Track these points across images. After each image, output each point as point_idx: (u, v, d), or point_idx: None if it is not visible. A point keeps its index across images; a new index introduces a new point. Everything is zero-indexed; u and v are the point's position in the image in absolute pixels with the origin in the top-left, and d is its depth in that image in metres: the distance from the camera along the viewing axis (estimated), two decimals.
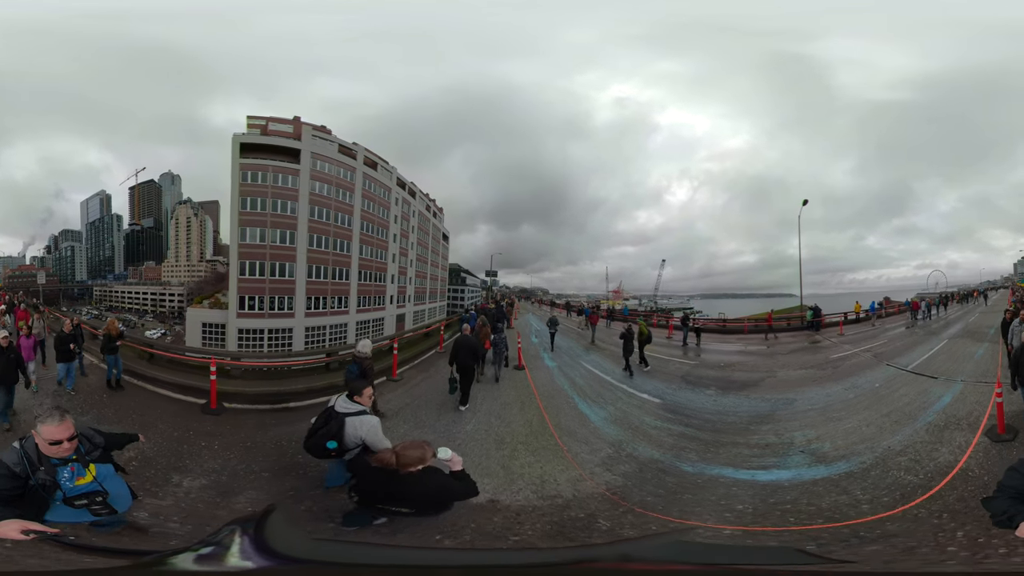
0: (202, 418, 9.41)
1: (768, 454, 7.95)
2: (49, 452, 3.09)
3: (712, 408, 11.00)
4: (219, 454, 7.61)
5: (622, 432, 9.19)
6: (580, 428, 9.39)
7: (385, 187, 35.08)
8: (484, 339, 12.88)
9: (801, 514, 5.75)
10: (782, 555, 2.83)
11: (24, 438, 3.15)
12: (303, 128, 30.44)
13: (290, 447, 7.57)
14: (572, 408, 10.75)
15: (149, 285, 31.22)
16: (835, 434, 8.51)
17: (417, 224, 38.22)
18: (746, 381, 13.33)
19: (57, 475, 3.08)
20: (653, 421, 9.90)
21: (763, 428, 9.31)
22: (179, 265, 32.21)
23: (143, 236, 32.86)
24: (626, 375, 14.01)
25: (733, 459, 7.76)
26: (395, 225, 35.77)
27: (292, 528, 2.55)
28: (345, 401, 5.08)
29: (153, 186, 33.59)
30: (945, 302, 28.28)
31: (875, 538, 5.04)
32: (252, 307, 28.49)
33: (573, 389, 12.44)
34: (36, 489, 3.00)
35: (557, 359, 16.47)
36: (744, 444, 8.45)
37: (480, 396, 10.93)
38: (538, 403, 10.69)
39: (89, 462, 3.25)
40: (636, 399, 11.67)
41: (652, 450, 8.29)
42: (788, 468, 7.31)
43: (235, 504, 5.88)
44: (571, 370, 14.93)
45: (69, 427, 3.15)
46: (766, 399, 11.50)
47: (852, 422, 9.09)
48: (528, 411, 10.21)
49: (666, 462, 7.73)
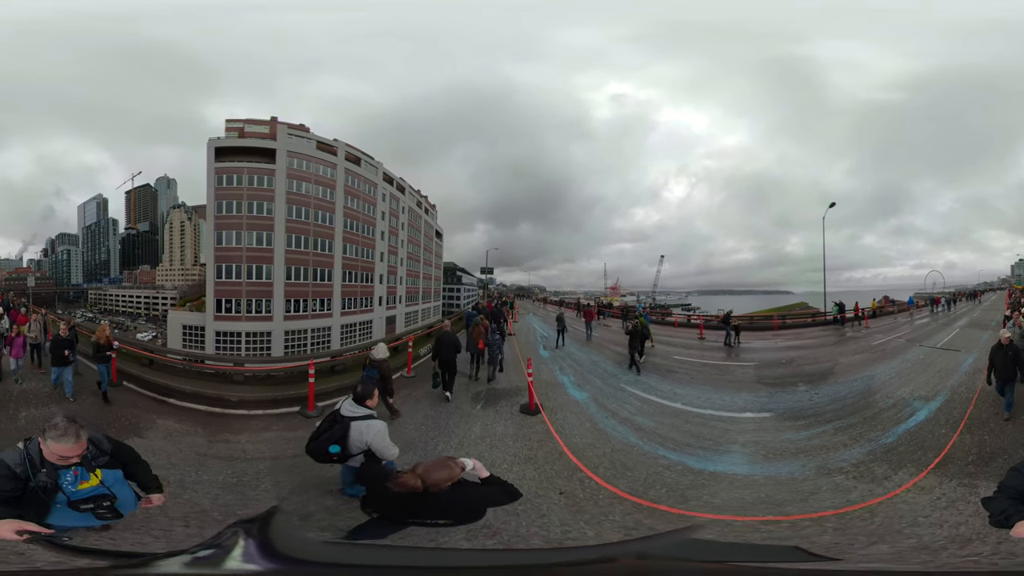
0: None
1: (901, 409, 9.94)
2: (55, 461, 3.01)
3: (822, 400, 11.28)
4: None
5: (806, 468, 7.34)
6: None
7: (370, 183, 33.91)
8: (477, 338, 12.33)
9: (958, 420, 8.79)
10: (781, 553, 3.04)
11: (29, 439, 3.09)
12: (278, 127, 29.82)
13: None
14: (679, 484, 6.76)
15: (143, 288, 31.79)
16: (920, 387, 11.38)
17: (407, 221, 36.95)
18: (821, 371, 14.02)
19: (59, 479, 3.03)
20: (797, 435, 9.10)
21: (876, 398, 10.91)
22: (173, 269, 32.64)
23: (138, 240, 33.59)
24: (633, 372, 13.71)
25: (893, 421, 9.25)
26: (382, 222, 34.58)
27: (298, 530, 2.77)
28: (351, 405, 4.99)
29: (149, 190, 34.26)
30: (955, 300, 32.55)
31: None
32: (229, 310, 28.31)
33: (644, 437, 8.58)
34: (36, 491, 2.95)
35: (585, 385, 12.41)
36: (882, 411, 9.93)
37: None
38: (595, 480, 6.62)
39: (95, 467, 3.16)
40: (748, 422, 9.77)
41: (856, 451, 7.98)
42: (921, 411, 9.64)
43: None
44: (615, 402, 10.88)
45: (83, 445, 3.05)
46: (853, 380, 12.72)
47: (922, 379, 12.16)
48: (581, 518, 5.75)
49: (873, 447, 8.13)
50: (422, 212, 38.47)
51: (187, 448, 8.18)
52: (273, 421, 9.72)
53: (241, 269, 28.66)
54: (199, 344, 28.70)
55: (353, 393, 5.12)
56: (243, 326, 28.61)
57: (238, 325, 28.56)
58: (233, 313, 28.47)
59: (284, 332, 29.60)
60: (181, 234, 32.89)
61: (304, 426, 9.59)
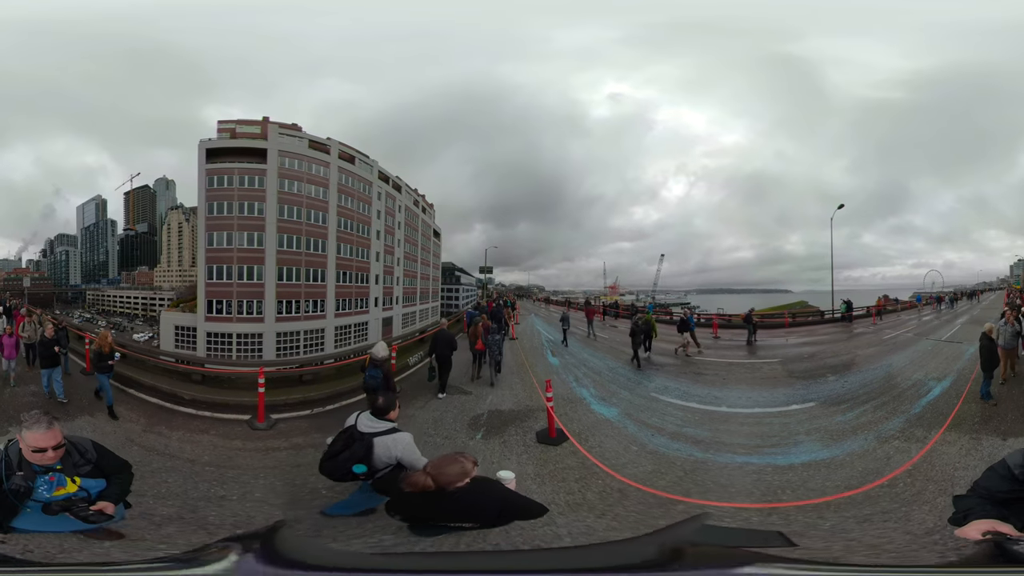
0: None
1: (920, 387, 11.40)
2: (32, 459, 2.97)
3: (852, 386, 12.27)
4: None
5: (869, 440, 8.34)
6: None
7: (365, 181, 33.41)
8: (475, 339, 12.41)
9: (959, 394, 10.20)
10: (770, 538, 3.30)
11: (10, 441, 3.06)
12: (269, 127, 29.57)
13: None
14: (790, 483, 6.83)
15: (140, 289, 31.99)
16: (932, 370, 12.67)
17: (404, 220, 36.40)
18: (844, 363, 15.22)
19: (35, 482, 2.95)
20: (845, 416, 9.83)
21: (898, 380, 12.27)
22: (171, 270, 32.74)
23: (137, 241, 33.85)
24: (633, 367, 14.06)
25: (916, 397, 10.68)
26: (378, 221, 34.07)
27: (311, 540, 2.84)
28: (370, 419, 4.69)
29: (148, 191, 34.44)
30: (957, 299, 34.25)
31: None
32: (220, 311, 28.17)
33: (711, 449, 8.12)
34: (7, 494, 2.87)
35: (612, 399, 11.04)
36: (905, 390, 11.35)
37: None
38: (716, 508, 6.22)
39: (76, 474, 3.08)
40: (798, 413, 10.32)
41: (896, 422, 9.33)
42: (936, 388, 11.07)
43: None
44: (654, 415, 9.72)
45: (56, 435, 3.01)
46: (874, 368, 13.95)
47: (933, 364, 13.54)
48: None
49: (907, 417, 9.45)
50: (419, 211, 37.89)
51: (120, 431, 8.56)
52: (214, 425, 9.56)
53: (232, 270, 28.48)
54: (191, 345, 28.67)
55: (373, 407, 4.84)
56: (234, 327, 28.43)
57: (229, 326, 28.38)
58: (224, 314, 28.33)
59: (276, 334, 29.33)
60: (179, 235, 33.04)
61: (244, 436, 9.14)
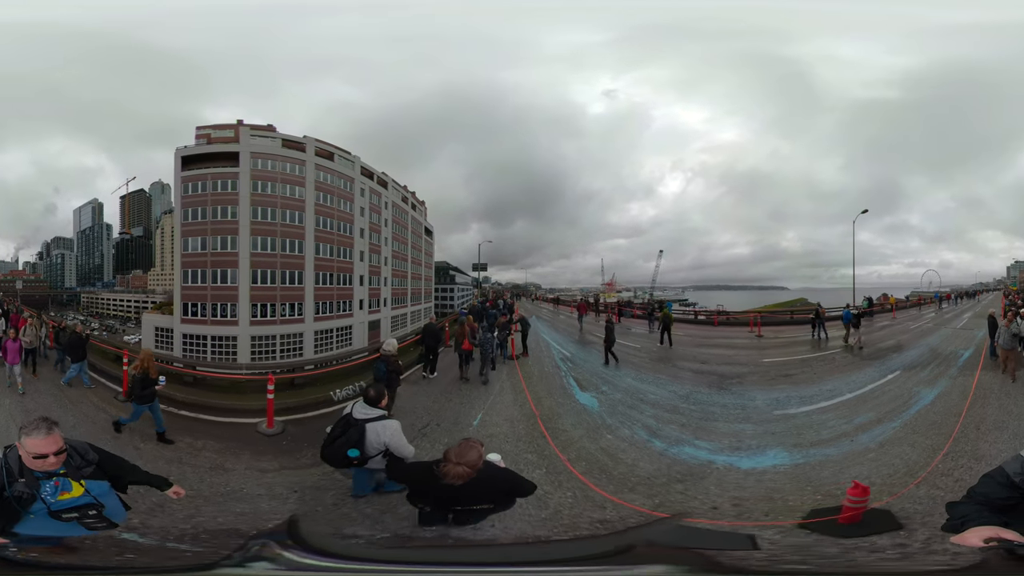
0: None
1: (955, 353, 15.59)
2: (33, 465, 2.88)
3: (912, 358, 15.40)
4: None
5: (948, 382, 11.97)
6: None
7: (346, 178, 32.17)
8: (461, 339, 12.06)
9: (979, 356, 14.37)
10: (740, 541, 3.28)
11: (9, 447, 2.95)
12: (241, 130, 28.95)
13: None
14: (944, 426, 9.01)
15: (134, 293, 32.48)
16: (958, 345, 16.80)
17: (391, 217, 34.94)
18: (894, 345, 18.22)
19: (40, 488, 2.87)
20: (925, 373, 13.37)
21: (939, 351, 16.19)
22: (164, 273, 33.04)
23: (132, 245, 34.50)
24: (609, 367, 14.16)
25: (955, 359, 14.85)
26: (362, 218, 32.77)
27: (333, 531, 3.18)
28: (363, 407, 5.04)
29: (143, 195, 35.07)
30: (960, 297, 36.78)
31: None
32: (195, 313, 27.96)
33: (863, 430, 8.93)
34: (10, 500, 2.80)
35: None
36: (947, 357, 15.15)
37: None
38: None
39: (81, 478, 2.99)
40: (897, 380, 12.63)
41: (952, 371, 13.40)
42: (965, 354, 15.27)
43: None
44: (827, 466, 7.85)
45: (56, 441, 2.91)
46: (919, 347, 17.42)
47: (958, 342, 17.72)
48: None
49: (955, 369, 13.59)
50: (408, 208, 36.35)
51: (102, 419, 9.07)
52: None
53: (207, 274, 28.14)
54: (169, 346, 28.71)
55: (364, 395, 5.18)
56: (209, 329, 28.09)
57: (204, 328, 28.08)
58: (199, 316, 28.06)
59: (251, 337, 28.71)
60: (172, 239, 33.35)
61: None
